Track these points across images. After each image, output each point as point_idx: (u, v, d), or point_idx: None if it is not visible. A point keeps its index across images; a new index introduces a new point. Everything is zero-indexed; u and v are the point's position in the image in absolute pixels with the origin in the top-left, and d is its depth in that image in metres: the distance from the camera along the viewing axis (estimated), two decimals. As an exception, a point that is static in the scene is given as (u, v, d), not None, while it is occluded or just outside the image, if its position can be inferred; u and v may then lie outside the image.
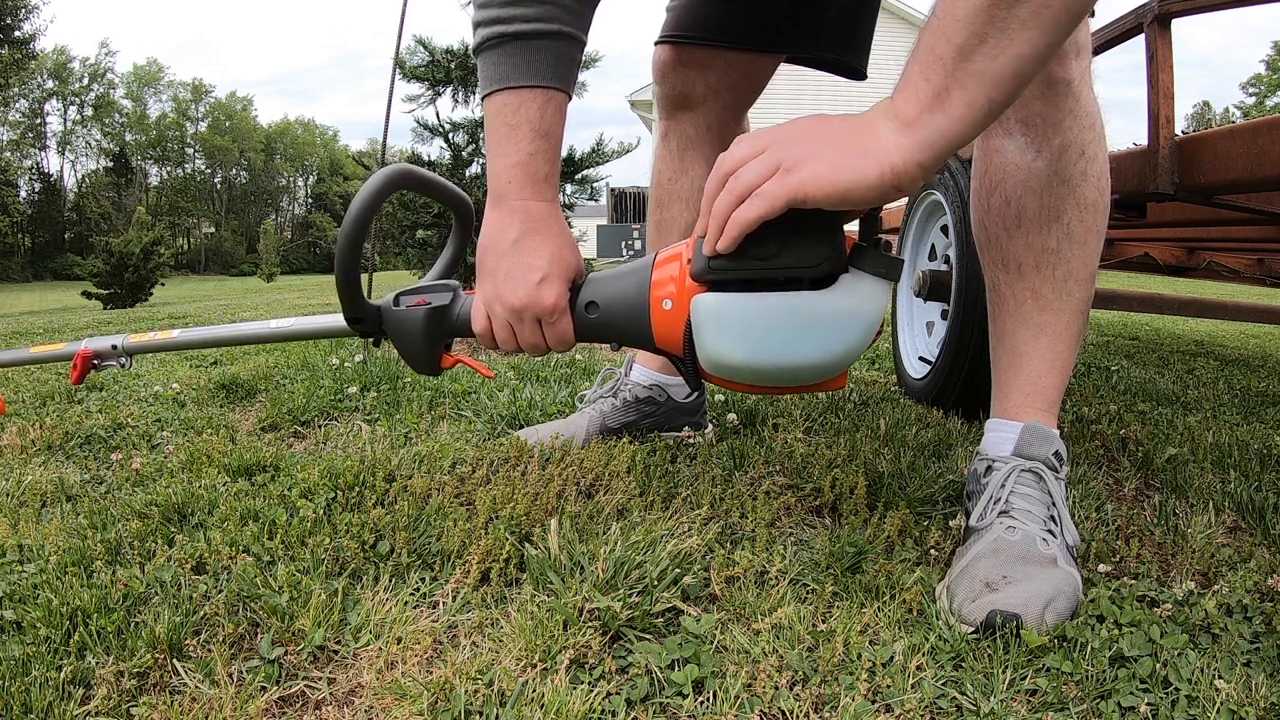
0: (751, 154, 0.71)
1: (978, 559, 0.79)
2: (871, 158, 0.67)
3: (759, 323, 0.76)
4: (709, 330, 0.77)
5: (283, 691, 0.67)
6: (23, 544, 0.91)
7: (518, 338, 0.88)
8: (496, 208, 0.89)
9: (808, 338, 0.76)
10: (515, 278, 0.86)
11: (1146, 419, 1.59)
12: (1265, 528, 0.98)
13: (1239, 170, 1.03)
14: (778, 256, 0.74)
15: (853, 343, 0.76)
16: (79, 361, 1.15)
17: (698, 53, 1.21)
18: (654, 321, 0.84)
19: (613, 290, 0.87)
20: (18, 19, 24.76)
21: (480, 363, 0.97)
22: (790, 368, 0.77)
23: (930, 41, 0.65)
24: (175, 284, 22.67)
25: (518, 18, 0.85)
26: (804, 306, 0.75)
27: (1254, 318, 2.22)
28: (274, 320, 1.06)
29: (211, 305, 6.67)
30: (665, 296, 0.83)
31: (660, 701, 0.65)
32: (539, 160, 0.88)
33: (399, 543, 0.89)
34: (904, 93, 0.67)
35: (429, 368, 0.95)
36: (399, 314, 0.93)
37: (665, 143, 1.29)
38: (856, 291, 0.76)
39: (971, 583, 0.76)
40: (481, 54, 0.88)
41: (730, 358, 0.77)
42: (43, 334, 3.94)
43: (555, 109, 0.88)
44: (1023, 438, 0.90)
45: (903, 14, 16.03)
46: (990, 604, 0.73)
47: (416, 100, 3.09)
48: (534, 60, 0.86)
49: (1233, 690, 0.63)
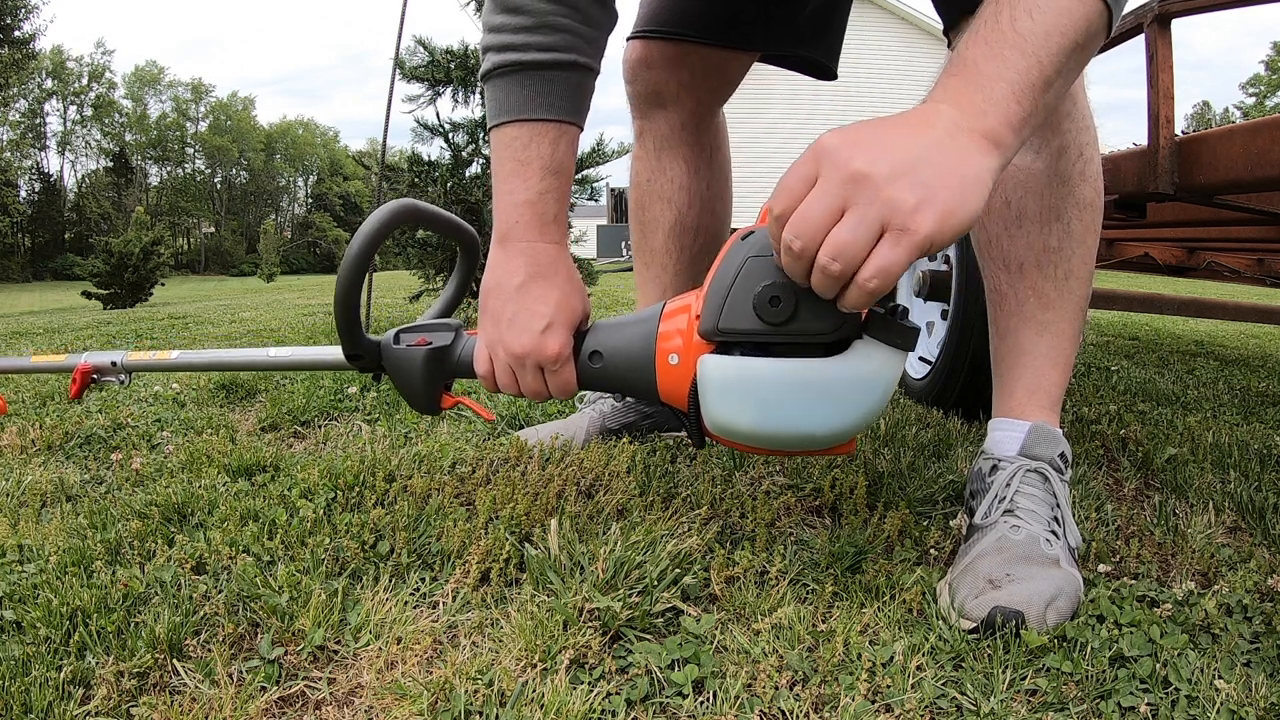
0: (835, 206, 0.59)
1: (981, 556, 0.79)
2: (975, 187, 0.59)
3: (767, 390, 0.73)
4: (715, 395, 0.75)
5: (283, 691, 0.67)
6: (23, 544, 0.91)
7: (519, 383, 0.86)
8: (502, 247, 0.85)
9: (817, 407, 0.73)
10: (520, 324, 0.83)
11: (1146, 419, 1.59)
12: (1265, 528, 0.98)
13: (1239, 170, 1.03)
14: (791, 322, 0.71)
15: (863, 414, 0.74)
16: (78, 376, 1.15)
17: (671, 49, 1.18)
18: (659, 375, 0.81)
19: (618, 340, 0.84)
20: (17, 19, 24.76)
21: (481, 404, 0.95)
22: (797, 436, 0.75)
23: (1023, 66, 0.62)
24: (175, 284, 22.67)
25: (532, 45, 0.81)
26: (814, 375, 0.72)
27: (1254, 318, 2.22)
28: (273, 348, 1.06)
29: (211, 305, 6.67)
30: (672, 350, 0.80)
31: (660, 701, 0.65)
32: (548, 200, 0.84)
33: (399, 543, 0.89)
34: (996, 114, 0.62)
35: (428, 408, 0.93)
36: (399, 353, 0.91)
37: (641, 142, 1.27)
38: (869, 360, 0.72)
39: (975, 579, 0.76)
40: (491, 81, 0.84)
41: (736, 424, 0.75)
42: (43, 334, 3.94)
43: (567, 144, 0.85)
44: (1029, 438, 0.90)
45: (892, 9, 16.02)
46: (993, 601, 0.73)
47: (416, 100, 3.09)
48: (548, 92, 0.82)
49: (1233, 690, 0.63)
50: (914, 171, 0.58)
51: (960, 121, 0.61)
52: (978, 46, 0.63)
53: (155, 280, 12.46)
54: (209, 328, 3.79)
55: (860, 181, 0.58)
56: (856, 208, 0.58)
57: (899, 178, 0.57)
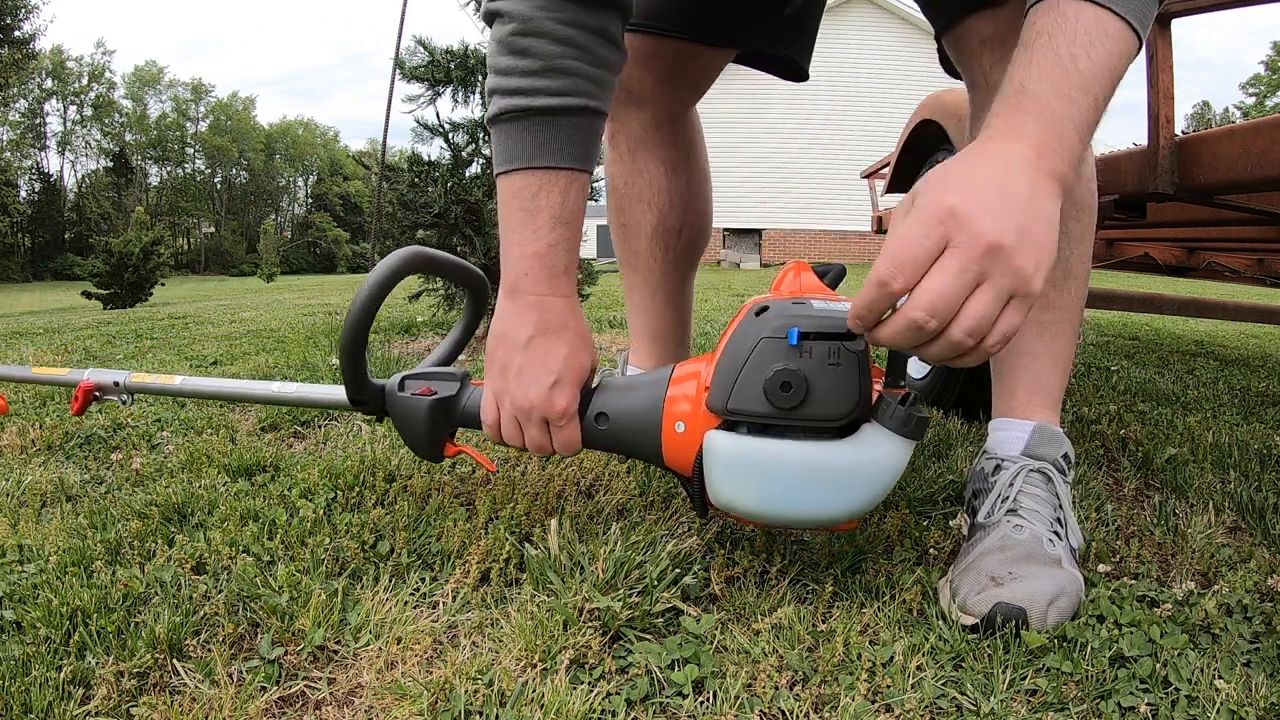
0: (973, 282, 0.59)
1: (984, 555, 0.79)
2: (1055, 234, 0.61)
3: (773, 473, 0.73)
4: (720, 473, 0.75)
5: (283, 691, 0.67)
6: (23, 544, 0.91)
7: (524, 436, 0.84)
8: (511, 299, 0.83)
9: (822, 492, 0.73)
10: (527, 378, 0.81)
11: (1146, 419, 1.59)
12: (1265, 528, 0.98)
13: (1239, 170, 1.03)
14: (802, 407, 0.71)
15: (867, 500, 0.74)
16: (80, 394, 1.16)
17: (645, 43, 1.14)
18: (665, 442, 0.81)
19: (625, 403, 0.83)
20: (17, 19, 24.76)
21: (483, 454, 0.94)
22: (801, 518, 0.75)
23: (1085, 104, 0.64)
24: (175, 284, 22.67)
25: (541, 90, 0.79)
26: (821, 460, 0.72)
27: (1254, 318, 2.21)
28: (276, 384, 1.06)
29: (211, 305, 6.67)
30: (679, 418, 0.79)
31: (660, 701, 0.65)
32: (558, 252, 0.82)
33: (399, 543, 0.89)
34: (1066, 156, 0.63)
35: (430, 456, 0.93)
36: (404, 400, 0.91)
37: (614, 145, 1.23)
38: (877, 448, 0.72)
39: (977, 577, 0.76)
40: (498, 125, 0.81)
41: (740, 503, 0.75)
42: (43, 334, 3.93)
43: (578, 192, 0.83)
44: (1033, 438, 0.90)
45: (892, 9, 16.01)
46: (995, 598, 0.73)
47: (416, 100, 3.09)
48: (557, 138, 0.80)
49: (1233, 690, 0.63)
50: (1030, 234, 0.59)
51: (1040, 165, 0.62)
52: (1043, 82, 0.64)
53: (155, 280, 12.45)
54: (209, 327, 3.79)
55: (996, 255, 0.58)
56: (992, 281, 0.58)
57: (1023, 243, 0.58)
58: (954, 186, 0.60)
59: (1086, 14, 0.64)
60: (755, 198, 16.54)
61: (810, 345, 0.71)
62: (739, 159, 16.21)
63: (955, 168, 0.62)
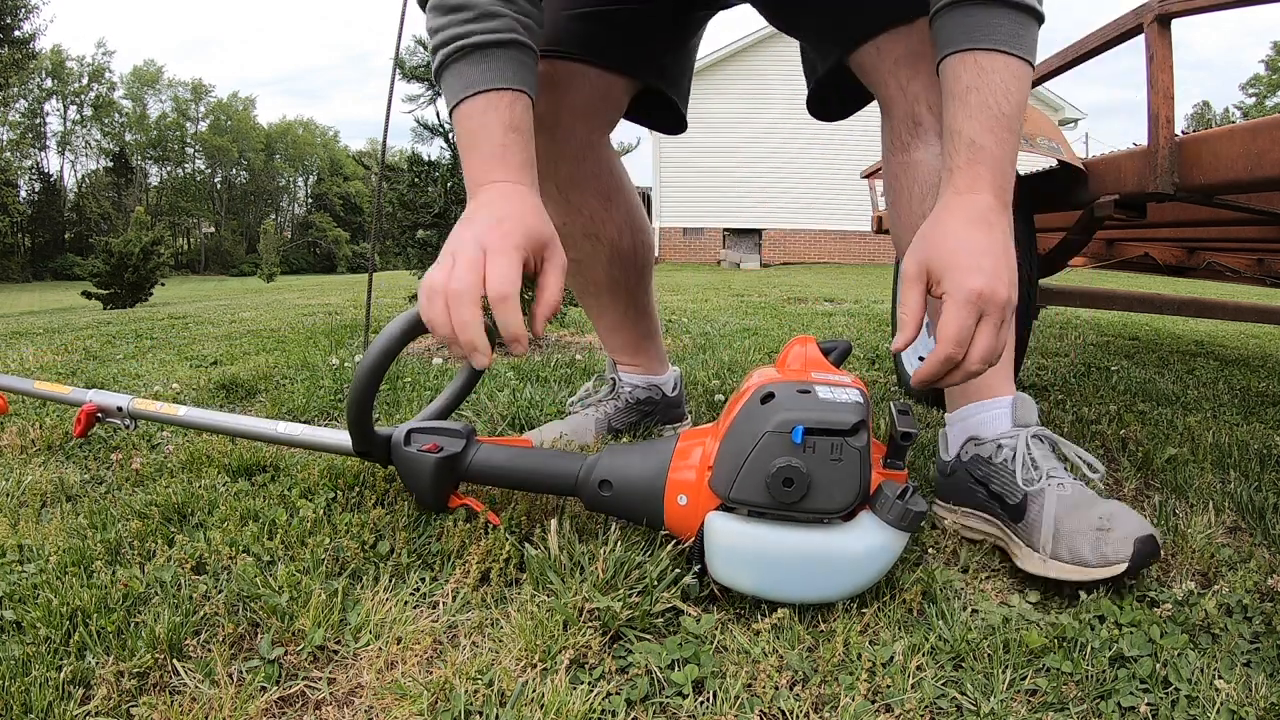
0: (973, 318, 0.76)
1: (1063, 516, 0.83)
2: (1012, 249, 0.79)
3: (771, 559, 0.75)
4: (719, 554, 0.77)
5: (283, 691, 0.67)
6: (23, 544, 0.91)
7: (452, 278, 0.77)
8: (473, 198, 0.85)
9: (817, 578, 0.76)
10: (477, 220, 0.81)
11: (1146, 419, 1.59)
12: (1265, 528, 0.98)
13: (1239, 170, 1.03)
14: (803, 501, 0.74)
15: (859, 585, 0.77)
16: (83, 416, 1.16)
17: (560, 68, 1.12)
18: (668, 513, 0.83)
19: (628, 472, 0.86)
20: (17, 19, 24.77)
21: (486, 507, 0.94)
22: (795, 599, 0.77)
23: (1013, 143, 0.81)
24: (175, 284, 22.67)
25: (478, 31, 0.87)
26: (818, 549, 0.75)
27: (1254, 318, 2.21)
28: (282, 424, 1.06)
29: (211, 305, 6.67)
30: (682, 491, 0.82)
31: (660, 701, 0.65)
32: (511, 151, 0.86)
33: (399, 543, 0.89)
34: (1009, 188, 0.82)
35: (435, 508, 0.95)
36: (409, 455, 0.92)
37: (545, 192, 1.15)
38: (872, 539, 0.75)
39: (1084, 531, 0.80)
40: (445, 71, 0.88)
41: (736, 583, 0.77)
42: (43, 334, 3.93)
43: (523, 108, 0.88)
44: (1016, 410, 0.95)
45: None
46: (1125, 536, 0.77)
47: (416, 100, 3.09)
48: (498, 66, 0.87)
49: (1233, 690, 0.63)
50: (1010, 273, 0.77)
51: (997, 206, 0.80)
52: (988, 136, 0.80)
53: (155, 280, 12.45)
54: (209, 327, 3.79)
55: (1006, 306, 0.77)
56: (991, 318, 0.76)
57: (1010, 286, 0.77)
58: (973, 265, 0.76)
59: (998, 63, 0.80)
60: (755, 198, 16.54)
61: (814, 441, 0.73)
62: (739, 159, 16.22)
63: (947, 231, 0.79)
